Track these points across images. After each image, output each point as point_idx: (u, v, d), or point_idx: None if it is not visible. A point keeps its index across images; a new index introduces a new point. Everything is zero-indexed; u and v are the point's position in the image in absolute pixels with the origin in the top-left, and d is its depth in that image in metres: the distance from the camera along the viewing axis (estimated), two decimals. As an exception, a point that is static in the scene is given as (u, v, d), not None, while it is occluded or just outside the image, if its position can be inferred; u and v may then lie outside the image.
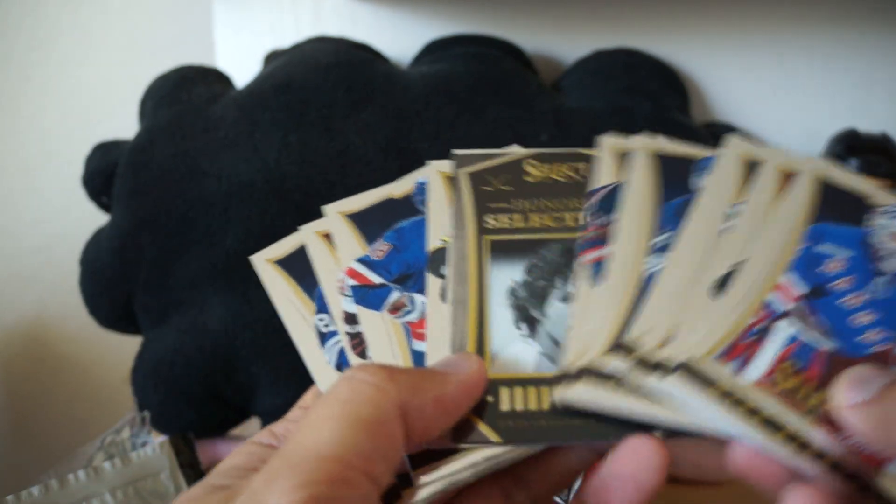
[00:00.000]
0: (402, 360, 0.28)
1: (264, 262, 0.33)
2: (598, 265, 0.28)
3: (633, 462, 0.25)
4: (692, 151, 0.31)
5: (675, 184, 0.30)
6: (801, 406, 0.24)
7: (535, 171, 0.32)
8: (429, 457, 0.26)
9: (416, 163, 0.53)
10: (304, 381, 0.53)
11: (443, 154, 0.53)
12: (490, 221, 0.30)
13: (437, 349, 0.28)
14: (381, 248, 0.31)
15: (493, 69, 0.58)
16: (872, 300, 0.26)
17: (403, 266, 0.31)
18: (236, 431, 0.60)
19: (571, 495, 0.41)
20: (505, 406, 0.26)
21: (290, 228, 0.52)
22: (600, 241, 0.29)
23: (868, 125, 0.59)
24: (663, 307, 0.27)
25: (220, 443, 0.59)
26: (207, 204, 0.53)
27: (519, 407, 0.26)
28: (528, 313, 0.28)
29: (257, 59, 0.65)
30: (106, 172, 0.57)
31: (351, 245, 0.32)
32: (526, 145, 0.53)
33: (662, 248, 0.28)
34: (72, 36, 0.73)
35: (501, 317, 0.28)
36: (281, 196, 0.52)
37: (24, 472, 0.73)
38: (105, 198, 0.58)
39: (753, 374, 0.25)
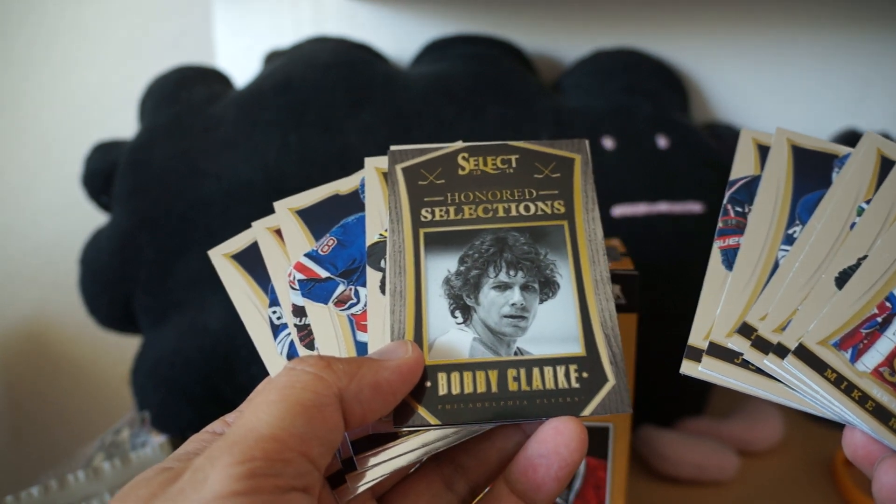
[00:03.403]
0: (347, 351, 0.30)
1: (220, 257, 0.34)
2: (731, 252, 0.30)
3: (555, 439, 0.26)
4: (832, 147, 0.32)
5: (813, 178, 0.31)
6: None
7: (466, 165, 0.32)
8: (372, 442, 0.27)
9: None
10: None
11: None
12: (425, 214, 0.31)
13: (377, 339, 0.29)
14: (327, 244, 0.32)
15: (493, 69, 0.58)
16: None
17: (349, 260, 0.32)
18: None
19: (572, 497, 0.41)
20: (442, 390, 0.27)
21: (290, 228, 0.52)
22: (737, 230, 0.30)
23: (868, 125, 0.59)
24: (785, 293, 0.28)
25: (220, 443, 0.58)
26: (207, 204, 0.53)
27: (455, 391, 0.27)
28: (462, 302, 0.29)
29: (257, 59, 0.65)
30: (106, 172, 0.57)
31: (299, 240, 0.33)
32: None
33: (793, 241, 0.30)
34: (72, 36, 0.73)
35: (438, 306, 0.29)
36: (281, 196, 0.52)
37: (24, 472, 0.73)
38: (105, 198, 0.58)
39: (868, 364, 0.26)
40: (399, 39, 0.66)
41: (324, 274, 0.32)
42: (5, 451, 0.77)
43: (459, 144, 0.33)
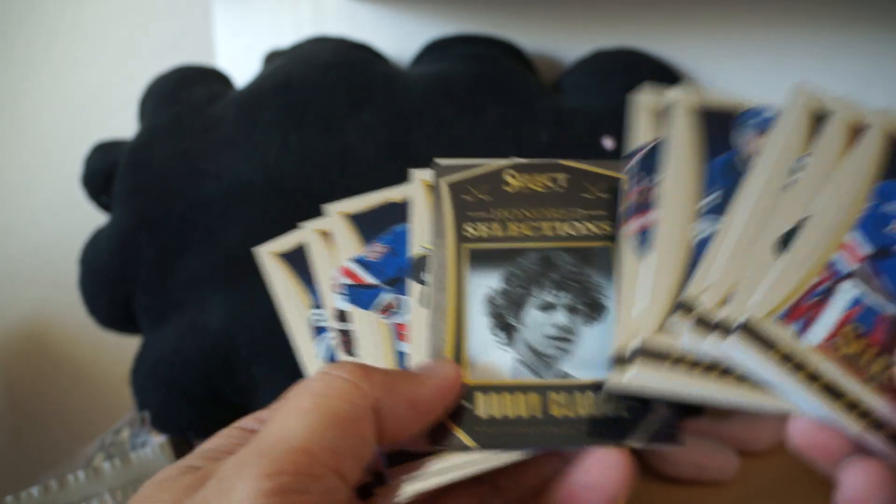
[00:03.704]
0: (386, 360, 0.29)
1: (268, 255, 0.34)
2: (643, 234, 0.27)
3: (600, 472, 0.25)
4: (735, 103, 0.30)
5: (718, 139, 0.29)
6: (863, 372, 0.24)
7: (513, 182, 0.32)
8: (405, 457, 0.26)
9: (415, 163, 0.53)
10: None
11: (443, 154, 0.53)
12: (469, 230, 0.31)
13: (418, 352, 0.29)
14: (377, 250, 0.32)
15: (493, 69, 0.58)
16: None
17: (397, 269, 0.31)
18: (236, 431, 0.60)
19: None
20: (481, 412, 0.26)
21: (290, 228, 0.52)
22: (644, 205, 0.28)
23: (868, 125, 0.59)
24: (724, 265, 0.26)
25: (220, 443, 0.59)
26: (207, 204, 0.53)
27: (495, 413, 0.26)
28: (505, 321, 0.29)
29: (257, 59, 0.65)
30: (106, 172, 0.57)
31: (349, 245, 0.33)
32: (526, 145, 0.53)
33: (712, 210, 0.27)
34: (72, 36, 0.73)
35: (479, 324, 0.28)
36: (281, 196, 0.52)
37: (24, 472, 0.73)
38: (105, 197, 0.58)
39: (815, 337, 0.24)
40: (399, 39, 0.66)
41: (371, 280, 0.31)
42: (5, 451, 0.77)
43: (507, 161, 0.32)
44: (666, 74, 0.61)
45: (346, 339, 0.30)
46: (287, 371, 0.53)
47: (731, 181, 0.28)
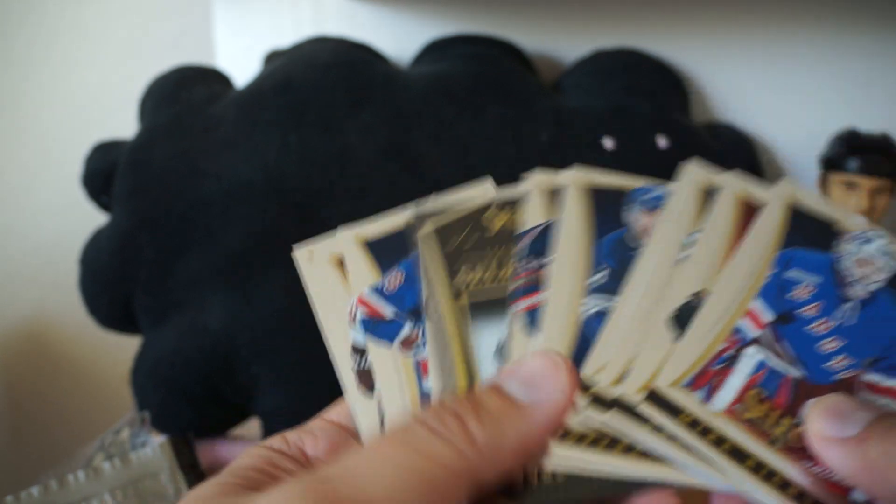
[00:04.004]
0: (411, 400, 0.27)
1: (309, 257, 0.31)
2: (532, 313, 0.27)
3: None
4: (624, 182, 0.30)
5: (609, 218, 0.29)
6: (767, 435, 0.24)
7: (498, 220, 0.30)
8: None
9: (415, 163, 0.53)
10: (304, 380, 0.53)
11: (442, 154, 0.53)
12: (464, 279, 0.28)
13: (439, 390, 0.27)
14: (394, 278, 0.29)
15: (493, 69, 0.58)
16: (838, 327, 0.26)
17: (417, 298, 0.28)
18: (236, 431, 0.60)
19: None
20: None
21: (290, 228, 0.53)
22: (533, 287, 0.27)
23: (868, 125, 0.59)
24: (619, 342, 0.26)
25: (220, 443, 0.59)
26: (207, 204, 0.53)
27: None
28: None
29: (257, 59, 0.65)
30: (106, 172, 0.57)
31: (363, 272, 0.30)
32: (526, 145, 0.53)
33: (599, 289, 0.27)
34: (72, 36, 0.73)
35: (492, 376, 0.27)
36: (281, 196, 0.52)
37: (24, 472, 0.73)
38: (105, 197, 0.58)
39: (721, 403, 0.25)
40: (399, 39, 0.66)
41: (389, 312, 0.29)
42: (5, 451, 0.77)
43: (485, 195, 0.30)
44: (666, 74, 0.61)
45: (366, 376, 0.28)
46: (287, 371, 0.53)
47: (621, 259, 0.28)
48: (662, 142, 0.55)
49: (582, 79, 0.61)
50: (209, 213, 0.53)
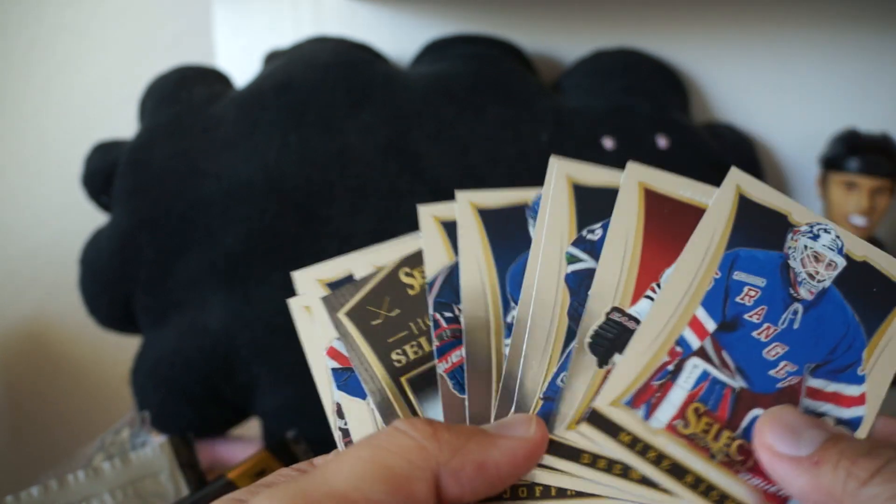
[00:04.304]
0: None
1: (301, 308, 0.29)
2: (458, 371, 0.26)
3: None
4: (521, 195, 0.28)
5: (512, 241, 0.27)
6: (707, 450, 0.24)
7: (413, 281, 0.28)
8: None
9: (415, 163, 0.53)
10: (304, 381, 0.53)
11: (442, 154, 0.53)
12: (398, 358, 0.26)
13: None
14: None
15: (493, 69, 0.58)
16: (783, 332, 0.25)
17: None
18: (236, 431, 0.60)
19: None
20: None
21: (290, 228, 0.52)
22: (455, 341, 0.26)
23: (868, 125, 0.59)
24: (542, 369, 0.25)
25: (220, 443, 0.59)
26: (207, 204, 0.53)
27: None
28: None
29: (257, 59, 0.65)
30: (106, 172, 0.57)
31: (328, 323, 0.28)
32: (526, 145, 0.53)
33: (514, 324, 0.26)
34: (72, 36, 0.73)
35: None
36: (280, 196, 0.52)
37: (24, 472, 0.73)
38: (105, 197, 0.58)
39: (662, 420, 0.24)
40: (399, 39, 0.66)
41: None
42: (5, 451, 0.77)
43: (392, 258, 0.28)
44: (666, 74, 0.61)
45: (348, 439, 0.26)
46: (287, 371, 0.53)
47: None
48: (662, 142, 0.55)
49: (582, 79, 0.61)
50: (209, 213, 0.53)
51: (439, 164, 0.53)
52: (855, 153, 0.56)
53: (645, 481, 0.24)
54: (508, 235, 0.27)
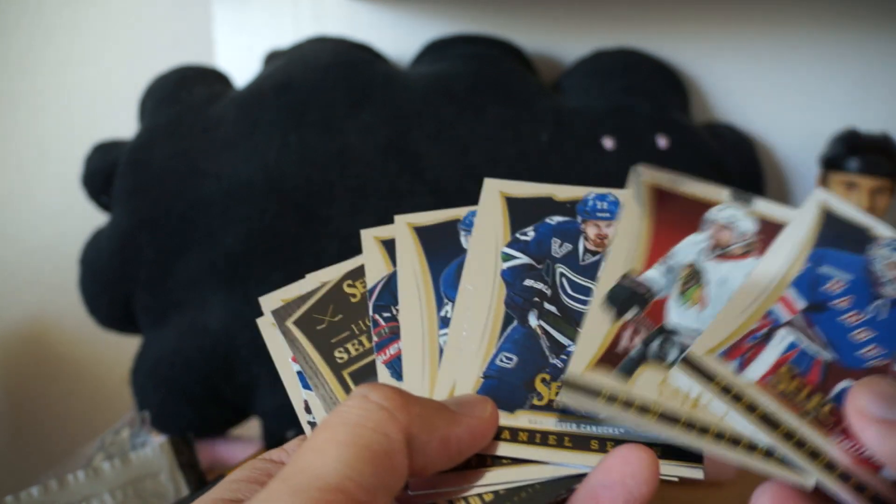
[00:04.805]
0: None
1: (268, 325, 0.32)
2: (396, 361, 0.28)
3: (622, 470, 0.24)
4: (452, 213, 0.31)
5: (444, 251, 0.30)
6: (799, 408, 0.26)
7: (355, 290, 0.31)
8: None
9: (415, 163, 0.53)
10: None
11: (442, 154, 0.53)
12: (340, 356, 0.29)
13: None
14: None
15: (493, 69, 0.58)
16: (871, 319, 0.27)
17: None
18: (236, 431, 0.60)
19: None
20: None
21: (290, 228, 0.52)
22: (393, 336, 0.29)
23: (868, 125, 0.59)
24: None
25: (220, 443, 0.59)
26: (207, 204, 0.53)
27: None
28: None
29: (257, 59, 0.65)
30: (106, 172, 0.57)
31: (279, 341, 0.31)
32: (526, 145, 0.53)
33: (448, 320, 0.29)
34: (72, 36, 0.73)
35: None
36: (280, 196, 0.52)
37: (24, 472, 0.73)
38: (105, 197, 0.58)
39: (754, 374, 0.26)
40: (399, 39, 0.66)
41: None
42: (5, 451, 0.77)
43: (335, 273, 0.31)
44: (666, 74, 0.61)
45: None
46: (287, 371, 0.53)
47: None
48: (662, 142, 0.55)
49: (582, 79, 0.61)
50: (209, 213, 0.53)
51: (439, 164, 0.53)
52: (855, 153, 0.56)
53: (578, 447, 0.26)
54: (441, 246, 0.30)
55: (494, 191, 0.32)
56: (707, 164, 0.55)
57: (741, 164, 0.59)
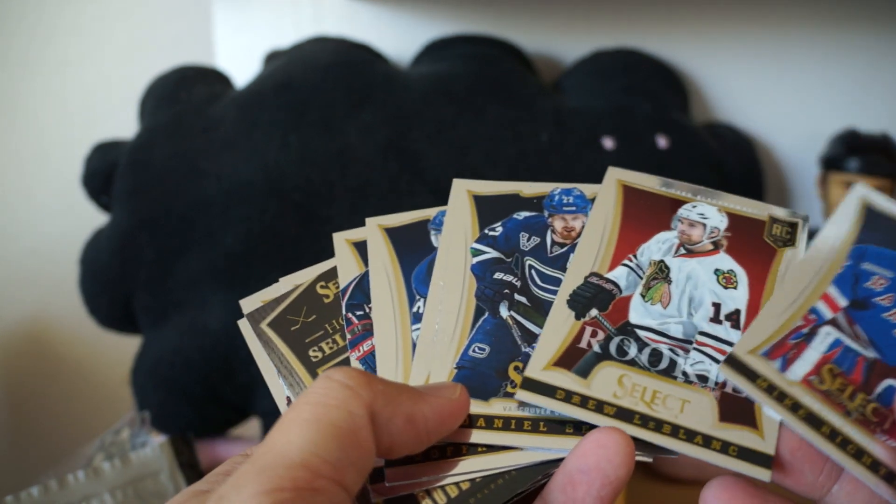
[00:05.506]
0: None
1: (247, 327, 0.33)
2: (369, 357, 0.29)
3: (597, 454, 0.24)
4: (422, 214, 0.32)
5: (414, 249, 0.31)
6: (843, 407, 0.25)
7: (328, 291, 0.32)
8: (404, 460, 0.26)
9: (415, 163, 0.53)
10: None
11: (442, 154, 0.53)
12: (314, 354, 0.30)
13: None
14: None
15: (493, 69, 0.58)
16: None
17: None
18: (236, 431, 0.60)
19: None
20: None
21: (290, 228, 0.52)
22: (367, 333, 0.30)
23: (868, 125, 0.59)
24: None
25: (220, 443, 0.59)
26: (207, 204, 0.53)
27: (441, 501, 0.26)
28: None
29: (257, 59, 0.65)
30: (106, 172, 0.57)
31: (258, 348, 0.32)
32: (526, 145, 0.53)
33: (420, 316, 0.29)
34: (72, 36, 0.73)
35: None
36: (280, 196, 0.52)
37: (24, 472, 0.73)
38: (105, 198, 0.58)
39: (797, 373, 0.26)
40: (399, 39, 0.66)
41: None
42: (5, 451, 0.77)
43: (309, 276, 0.32)
44: (666, 74, 0.61)
45: None
46: (287, 371, 0.53)
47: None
48: (662, 142, 0.55)
49: (582, 79, 0.61)
50: (209, 213, 0.53)
51: (439, 164, 0.53)
52: (855, 153, 0.56)
53: (553, 431, 0.26)
54: (412, 246, 0.31)
55: (462, 190, 0.32)
56: (707, 165, 0.55)
57: (741, 164, 0.59)
